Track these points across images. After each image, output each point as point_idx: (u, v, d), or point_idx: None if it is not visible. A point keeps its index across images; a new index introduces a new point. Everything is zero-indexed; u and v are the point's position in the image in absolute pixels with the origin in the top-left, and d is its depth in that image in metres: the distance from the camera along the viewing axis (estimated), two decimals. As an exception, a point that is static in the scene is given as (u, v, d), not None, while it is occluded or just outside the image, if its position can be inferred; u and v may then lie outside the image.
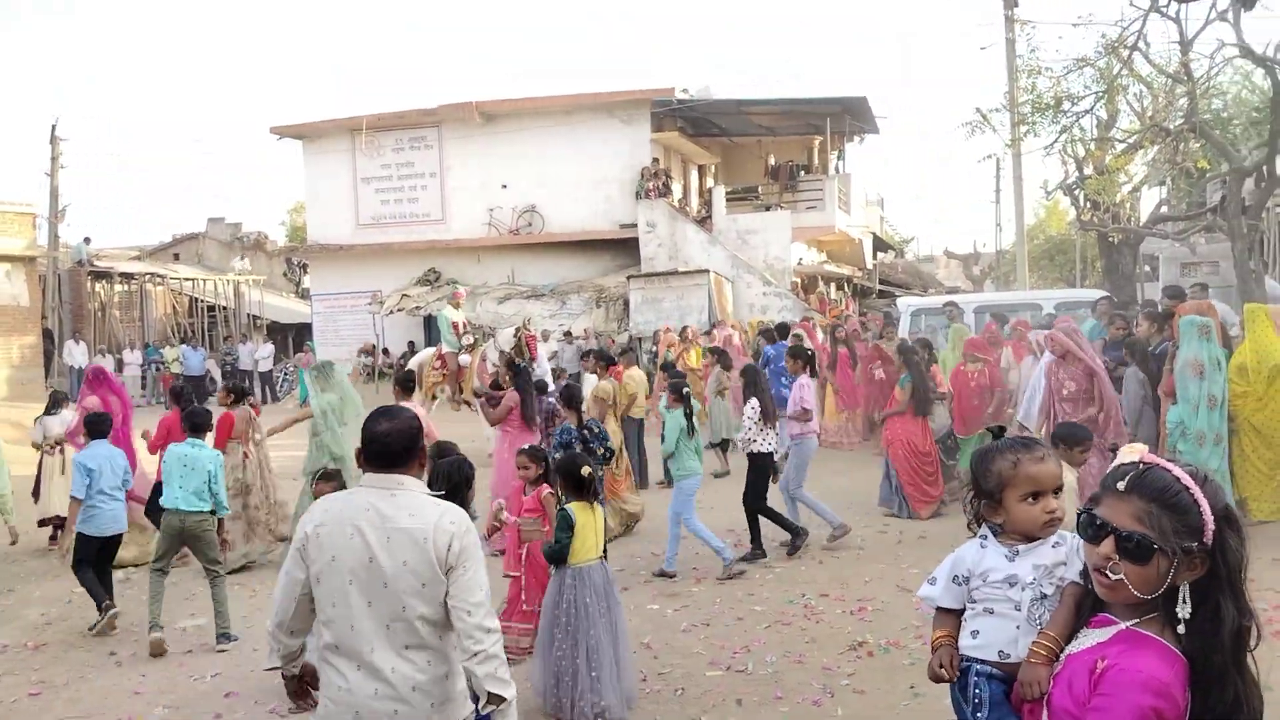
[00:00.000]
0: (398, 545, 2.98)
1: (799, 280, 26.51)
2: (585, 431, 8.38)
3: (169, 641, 6.91)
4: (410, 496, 3.08)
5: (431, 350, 15.25)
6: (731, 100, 27.81)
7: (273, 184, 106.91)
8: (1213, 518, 1.91)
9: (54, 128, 28.66)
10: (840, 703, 5.35)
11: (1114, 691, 1.90)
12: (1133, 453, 2.02)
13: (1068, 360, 8.02)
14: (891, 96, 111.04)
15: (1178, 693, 1.87)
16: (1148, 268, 27.64)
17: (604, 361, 11.41)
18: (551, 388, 11.29)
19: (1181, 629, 1.91)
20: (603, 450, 8.40)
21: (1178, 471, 1.96)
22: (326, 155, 28.57)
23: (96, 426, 7.40)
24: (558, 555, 5.30)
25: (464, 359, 13.92)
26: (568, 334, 22.30)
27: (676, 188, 27.57)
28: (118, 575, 7.94)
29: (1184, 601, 1.91)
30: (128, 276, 31.87)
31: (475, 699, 3.04)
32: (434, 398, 14.71)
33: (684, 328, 17.68)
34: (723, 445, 12.66)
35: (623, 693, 5.25)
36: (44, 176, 28.53)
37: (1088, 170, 20.83)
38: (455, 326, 14.70)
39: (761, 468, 8.49)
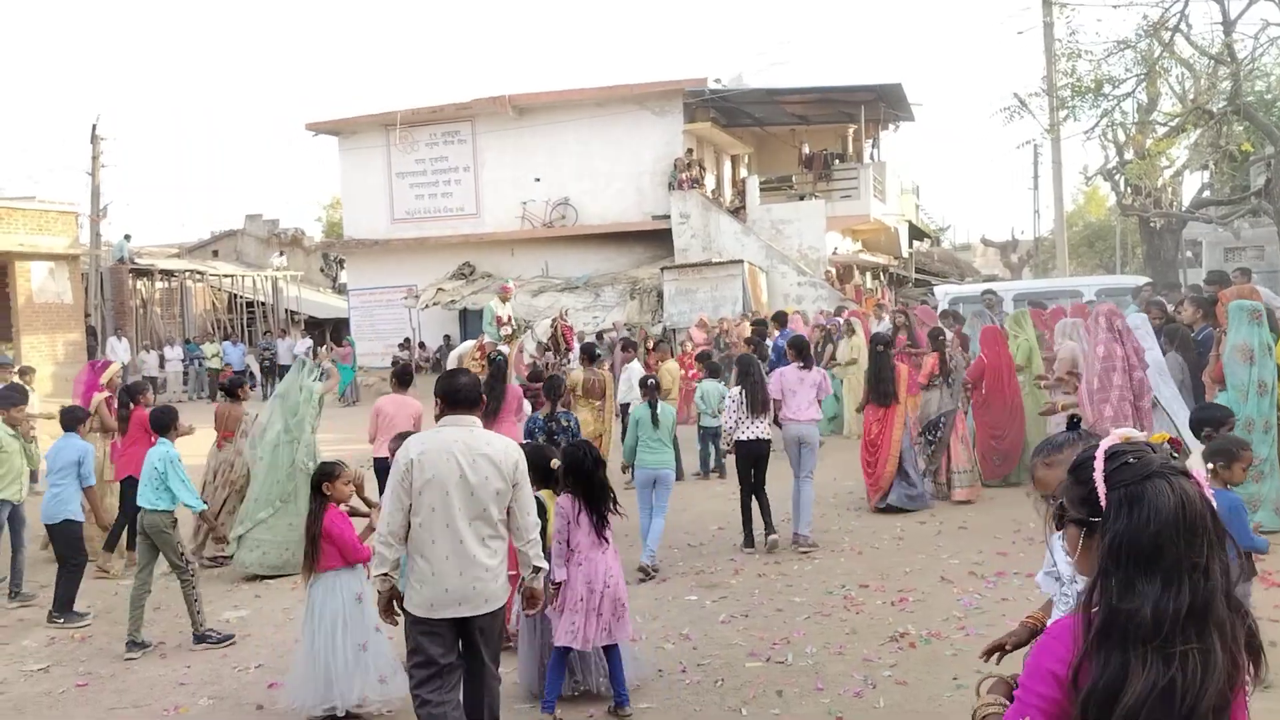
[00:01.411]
0: (481, 465, 4.17)
1: (834, 270, 26.31)
2: (552, 423, 8.29)
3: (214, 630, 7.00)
4: (482, 431, 4.36)
5: (473, 342, 15.40)
6: (764, 89, 27.64)
7: (309, 180, 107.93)
8: (1105, 491, 1.87)
9: (94, 127, 29.07)
10: (882, 694, 5.30)
11: (1035, 648, 1.98)
12: (1117, 438, 1.97)
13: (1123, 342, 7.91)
14: (928, 83, 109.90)
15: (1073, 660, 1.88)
16: (1190, 253, 27.22)
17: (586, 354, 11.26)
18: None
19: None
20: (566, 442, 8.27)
21: (1104, 446, 1.93)
22: (362, 151, 28.76)
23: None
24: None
25: (503, 349, 14.03)
26: (599, 335, 22.22)
27: (709, 179, 27.47)
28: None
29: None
30: (168, 273, 32.28)
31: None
32: None
33: (657, 340, 16.90)
34: None
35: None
36: (85, 175, 28.97)
37: (1128, 155, 20.52)
38: (498, 319, 14.82)
39: (741, 456, 8.62)
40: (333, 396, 10.32)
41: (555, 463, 5.56)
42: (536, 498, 5.24)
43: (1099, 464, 1.90)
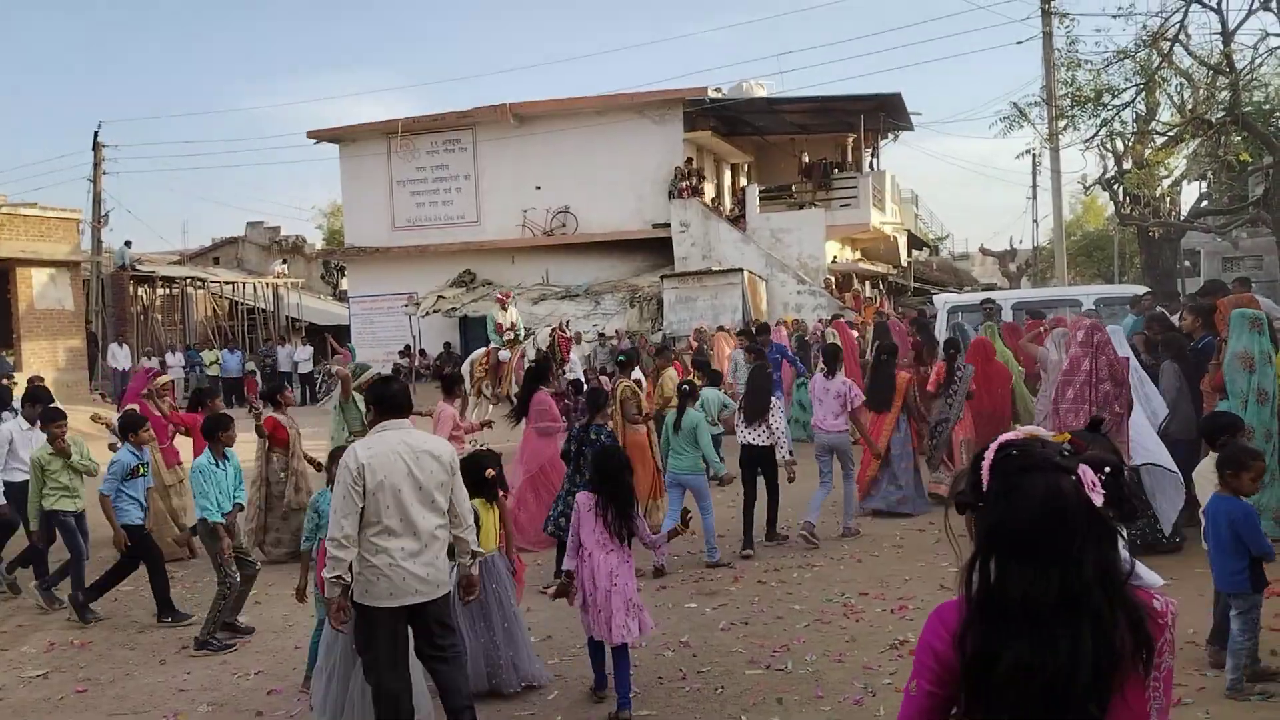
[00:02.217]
0: (425, 461, 4.56)
1: (833, 278, 26.35)
2: (585, 434, 7.89)
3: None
4: (416, 431, 4.76)
5: (482, 350, 15.50)
6: (764, 99, 27.71)
7: (310, 188, 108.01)
8: (988, 479, 1.99)
9: (96, 133, 29.16)
10: (882, 701, 5.30)
11: (925, 625, 2.11)
12: (1020, 434, 2.08)
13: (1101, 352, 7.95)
14: (927, 92, 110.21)
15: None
16: (1188, 262, 27.26)
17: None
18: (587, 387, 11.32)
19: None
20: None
21: (1003, 437, 2.05)
22: (363, 159, 28.82)
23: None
24: None
25: (504, 355, 14.08)
26: (601, 335, 22.33)
27: (709, 187, 27.52)
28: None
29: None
30: (169, 280, 32.31)
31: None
32: (481, 394, 14.86)
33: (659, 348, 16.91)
34: None
35: (529, 667, 5.74)
36: (87, 182, 29.03)
37: (1127, 164, 20.57)
38: (499, 326, 14.89)
39: (742, 461, 8.90)
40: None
41: (490, 471, 5.69)
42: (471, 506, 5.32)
43: (989, 454, 2.03)
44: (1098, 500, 1.94)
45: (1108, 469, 2.04)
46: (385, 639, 4.53)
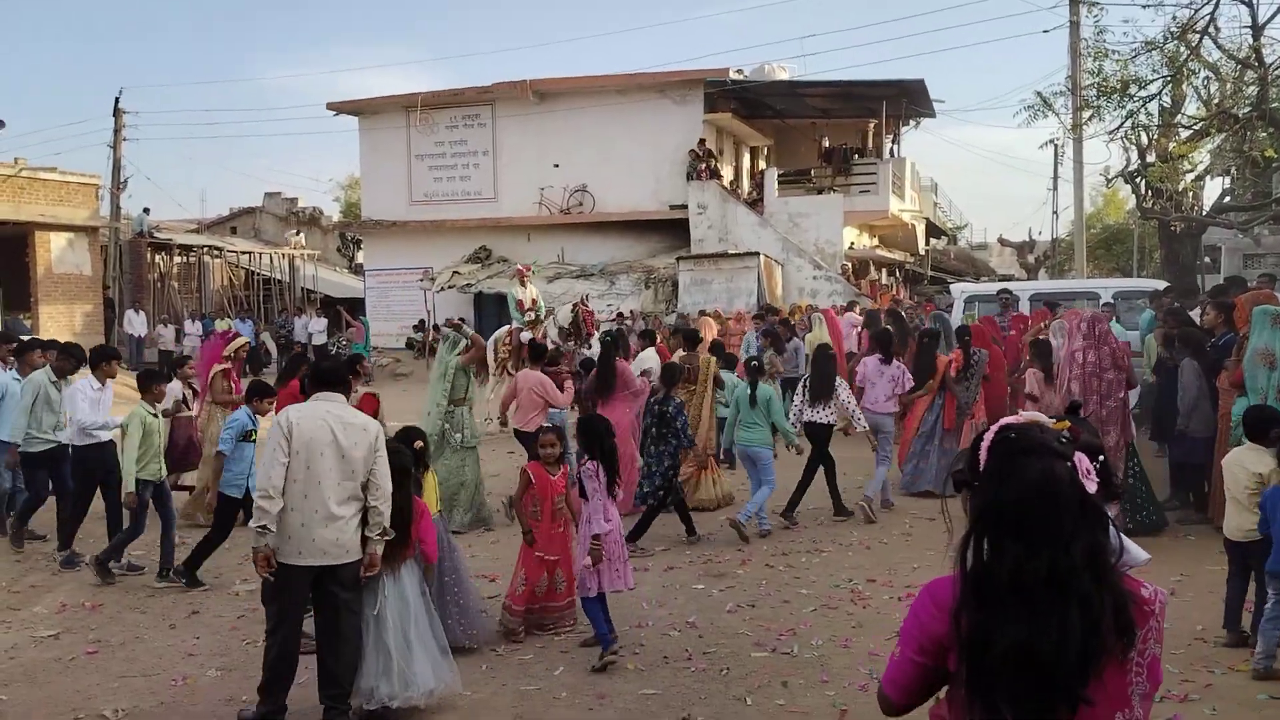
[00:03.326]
0: (350, 432, 4.79)
1: (850, 265, 26.24)
2: (661, 406, 8.53)
3: (221, 606, 7.06)
4: (346, 406, 5.01)
5: (505, 330, 15.47)
6: (785, 81, 27.53)
7: (328, 160, 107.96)
8: (985, 460, 2.05)
9: (117, 100, 29.17)
10: (887, 688, 5.30)
11: (914, 601, 2.18)
12: (1020, 418, 2.16)
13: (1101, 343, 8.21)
14: (949, 79, 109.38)
15: (950, 607, 2.04)
16: (1208, 259, 27.02)
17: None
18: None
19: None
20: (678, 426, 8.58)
21: (1004, 420, 2.12)
22: (382, 132, 28.79)
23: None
24: None
25: (525, 335, 14.06)
26: (619, 315, 22.33)
27: (727, 170, 27.40)
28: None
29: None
30: (186, 248, 32.39)
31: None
32: (506, 373, 14.84)
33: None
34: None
35: (478, 623, 6.08)
36: (107, 148, 29.08)
37: (1151, 157, 20.38)
38: (520, 304, 14.85)
39: (809, 438, 9.16)
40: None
41: (419, 443, 5.85)
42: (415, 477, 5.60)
43: (989, 435, 2.08)
44: (1091, 487, 2.00)
45: (1101, 456, 2.09)
46: (289, 594, 4.78)
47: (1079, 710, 1.95)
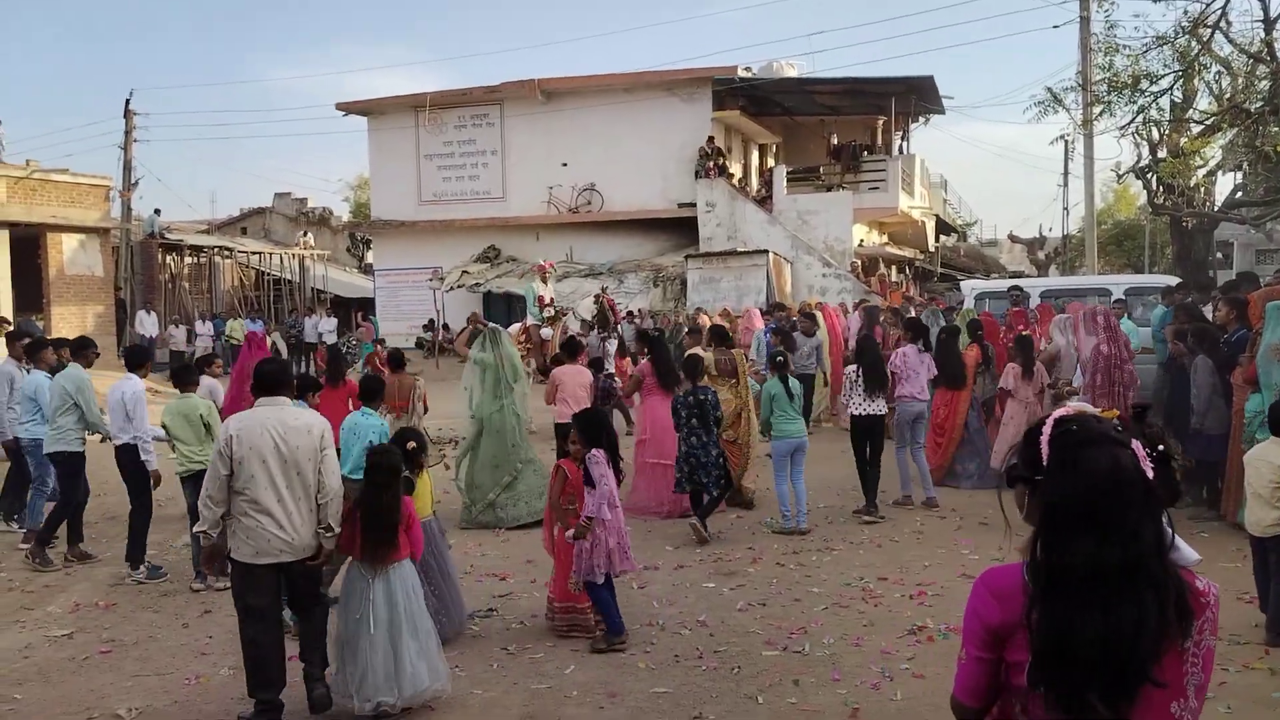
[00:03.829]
0: (294, 435, 4.93)
1: (859, 262, 26.18)
2: (691, 398, 8.55)
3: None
4: (290, 408, 5.13)
5: (517, 326, 15.42)
6: (794, 79, 27.50)
7: (337, 160, 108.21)
8: (1048, 453, 2.04)
9: (128, 101, 29.28)
10: (899, 686, 5.30)
11: (970, 596, 2.15)
12: (1070, 410, 2.15)
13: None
14: (958, 75, 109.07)
15: (1011, 601, 2.03)
16: (1221, 254, 26.93)
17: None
18: (609, 370, 11.31)
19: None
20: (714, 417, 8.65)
21: (1056, 414, 2.11)
22: (390, 132, 28.86)
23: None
24: None
25: (546, 332, 14.06)
26: (630, 314, 22.34)
27: (736, 168, 27.36)
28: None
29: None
30: (197, 249, 32.49)
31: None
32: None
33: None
34: None
35: (459, 616, 6.29)
36: (118, 150, 29.19)
37: (1162, 152, 20.29)
38: (540, 300, 14.86)
39: (859, 430, 9.19)
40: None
41: (411, 444, 5.91)
42: (409, 478, 5.74)
43: (1047, 429, 2.08)
44: (1149, 472, 2.00)
45: (1160, 447, 2.06)
46: (254, 592, 4.99)
47: (1139, 700, 1.95)
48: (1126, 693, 1.94)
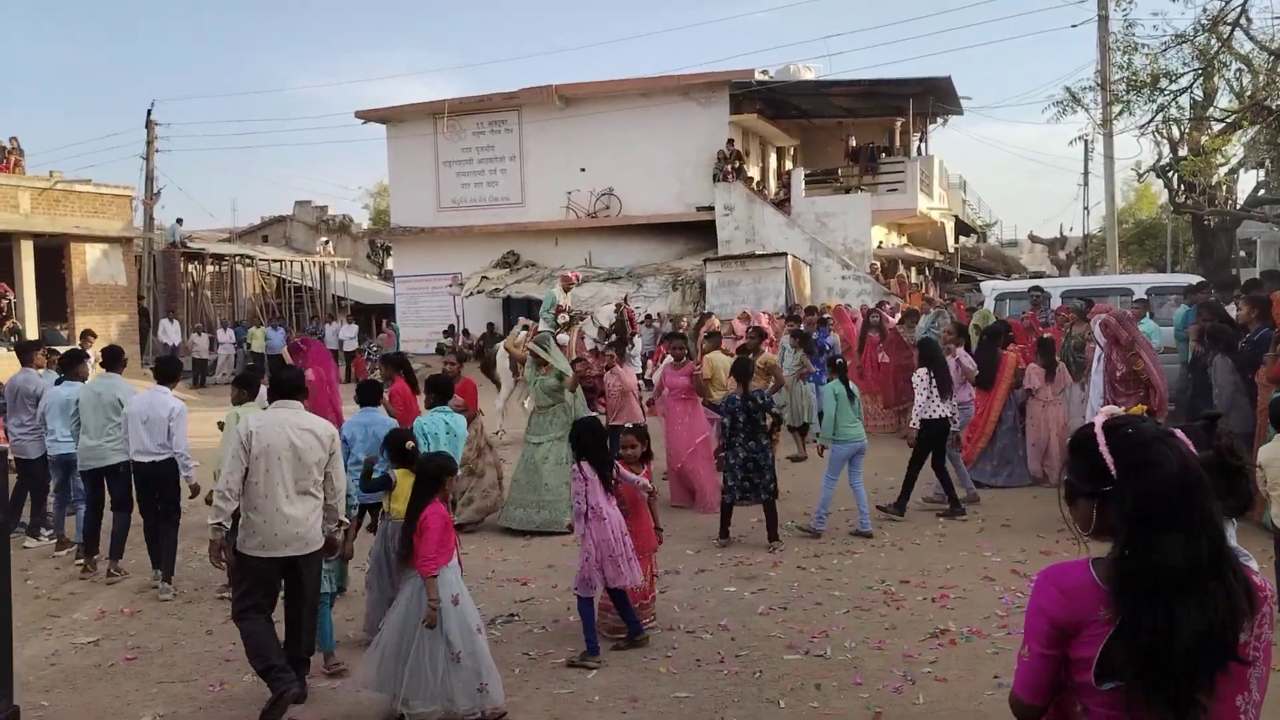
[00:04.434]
0: (306, 438, 5.25)
1: (878, 264, 26.12)
2: (750, 401, 8.53)
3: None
4: (304, 412, 5.43)
5: (524, 333, 15.39)
6: (811, 81, 27.45)
7: (357, 168, 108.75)
8: (1113, 461, 2.05)
9: (150, 112, 29.57)
10: (922, 690, 5.28)
11: (1033, 590, 2.17)
12: (1105, 415, 2.18)
13: (1121, 346, 8.28)
14: (977, 76, 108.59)
15: (1079, 597, 2.05)
16: (1243, 252, 26.66)
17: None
18: (638, 369, 11.33)
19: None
20: (771, 418, 8.82)
21: (1098, 423, 2.13)
22: (409, 139, 28.98)
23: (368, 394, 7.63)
24: (377, 503, 6.36)
25: (563, 339, 14.05)
26: (648, 317, 22.37)
27: (754, 170, 27.34)
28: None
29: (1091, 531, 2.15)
30: (218, 258, 32.74)
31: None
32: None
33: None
34: (802, 429, 12.53)
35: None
36: (140, 160, 29.47)
37: (1183, 151, 20.14)
38: (558, 308, 14.83)
39: (928, 435, 9.12)
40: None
41: (410, 444, 5.94)
42: (387, 474, 5.96)
43: (1101, 439, 2.09)
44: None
45: (1234, 459, 2.20)
46: (255, 584, 5.23)
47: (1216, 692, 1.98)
48: (1212, 682, 1.97)
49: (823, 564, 7.87)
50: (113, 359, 8.56)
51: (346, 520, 5.50)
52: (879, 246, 27.59)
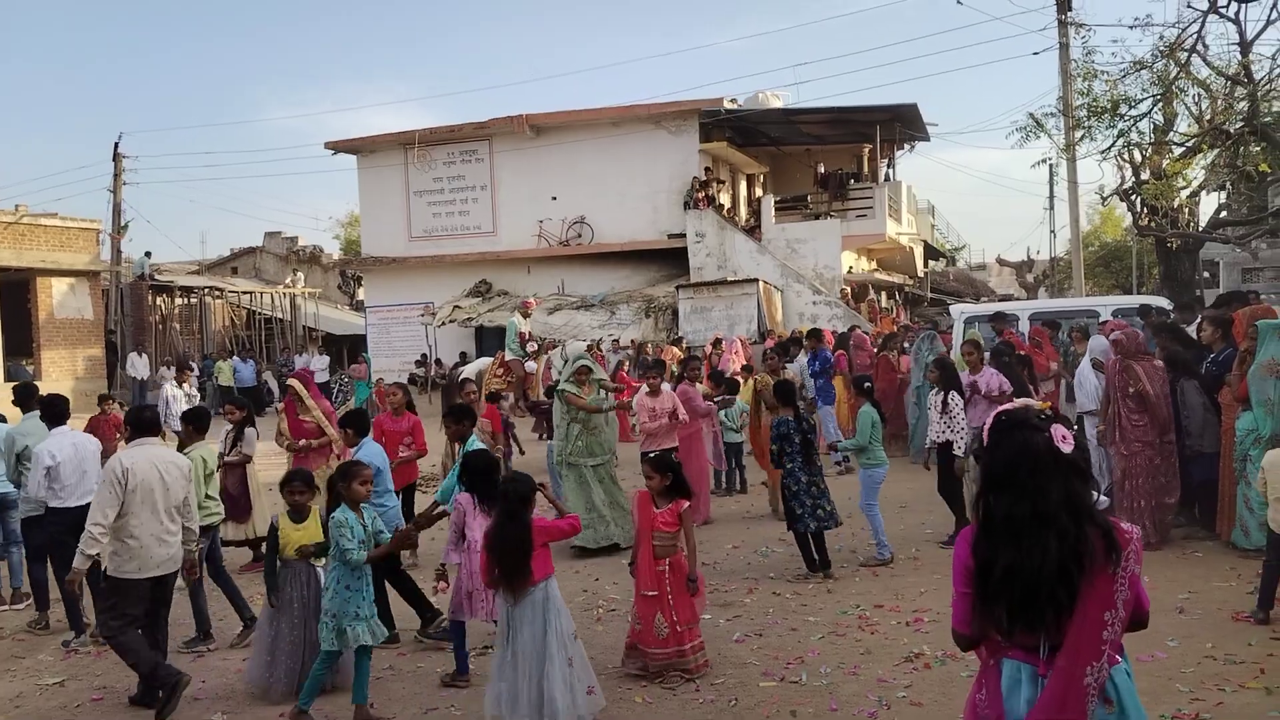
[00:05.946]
0: (172, 470, 6.02)
1: (849, 289, 26.30)
2: (804, 423, 8.52)
3: (225, 650, 7.03)
4: (164, 447, 6.26)
5: (491, 359, 15.35)
6: (780, 109, 27.71)
7: (327, 198, 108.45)
8: (986, 436, 2.86)
9: (116, 145, 29.39)
10: (897, 714, 5.27)
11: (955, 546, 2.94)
12: (1016, 403, 2.96)
13: (1130, 362, 8.33)
14: (942, 103, 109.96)
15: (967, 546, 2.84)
16: (1207, 273, 27.08)
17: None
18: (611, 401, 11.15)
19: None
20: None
21: (1004, 407, 2.91)
22: (380, 169, 28.96)
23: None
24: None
25: (530, 366, 14.04)
26: (615, 342, 22.41)
27: (725, 198, 27.51)
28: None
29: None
30: (187, 290, 32.51)
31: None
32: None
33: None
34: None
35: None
36: (107, 193, 29.25)
37: (1145, 175, 20.47)
38: (521, 335, 14.84)
39: (941, 459, 8.98)
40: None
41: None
42: (300, 506, 6.13)
43: (989, 419, 2.89)
44: (1066, 449, 2.70)
45: (1074, 428, 2.81)
46: (131, 602, 5.88)
47: (1070, 609, 2.63)
48: (1038, 612, 2.65)
49: (797, 590, 7.87)
50: (24, 397, 8.37)
51: (202, 544, 6.50)
52: (849, 271, 27.79)
